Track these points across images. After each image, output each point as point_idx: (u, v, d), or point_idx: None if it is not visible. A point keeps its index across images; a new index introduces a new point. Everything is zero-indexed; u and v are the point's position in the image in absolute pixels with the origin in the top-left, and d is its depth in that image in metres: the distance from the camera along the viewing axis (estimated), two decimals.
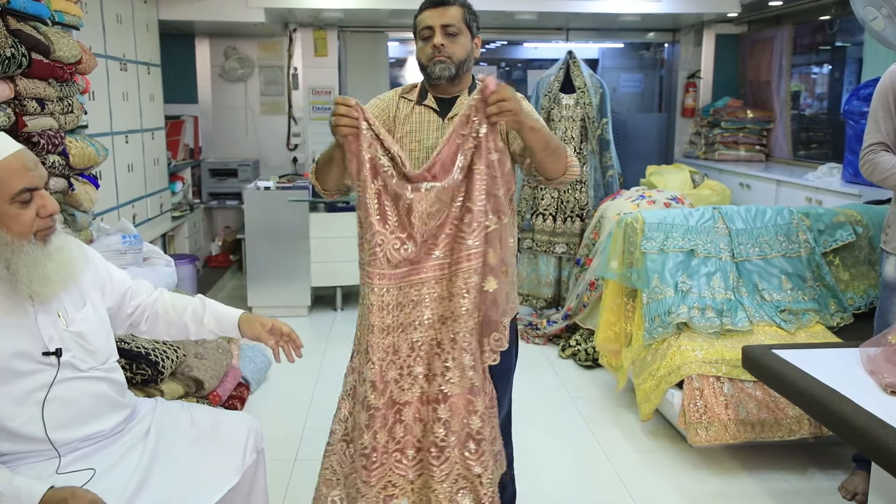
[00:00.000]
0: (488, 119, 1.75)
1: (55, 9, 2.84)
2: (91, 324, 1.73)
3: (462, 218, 1.80)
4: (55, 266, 1.59)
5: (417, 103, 2.08)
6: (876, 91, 2.54)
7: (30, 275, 1.54)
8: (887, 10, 3.08)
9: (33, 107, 2.56)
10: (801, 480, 2.85)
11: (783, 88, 5.57)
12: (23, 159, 1.53)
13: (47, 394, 1.59)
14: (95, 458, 1.66)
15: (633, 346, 3.27)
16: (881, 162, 2.47)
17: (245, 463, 1.85)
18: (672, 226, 3.29)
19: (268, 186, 4.88)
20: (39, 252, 1.56)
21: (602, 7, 5.24)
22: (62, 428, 1.62)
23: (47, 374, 1.60)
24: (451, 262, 1.82)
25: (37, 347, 1.59)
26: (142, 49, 4.60)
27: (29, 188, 1.52)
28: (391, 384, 1.80)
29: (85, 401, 1.67)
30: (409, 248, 1.80)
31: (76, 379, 1.66)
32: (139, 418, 1.83)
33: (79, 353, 1.67)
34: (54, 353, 1.61)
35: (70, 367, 1.65)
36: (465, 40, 2.01)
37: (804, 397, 2.12)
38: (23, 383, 1.57)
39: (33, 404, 1.58)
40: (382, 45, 6.34)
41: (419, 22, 2.03)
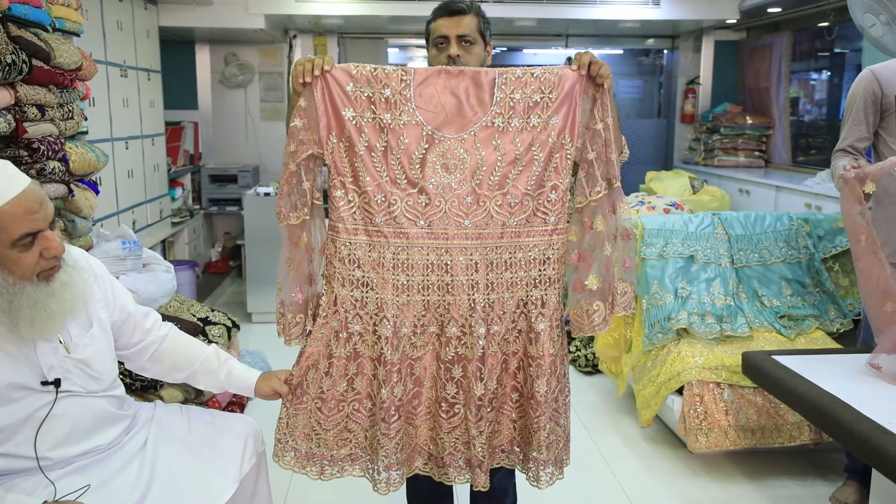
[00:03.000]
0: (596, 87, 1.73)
1: (56, 15, 2.85)
2: (96, 347, 1.68)
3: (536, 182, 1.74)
4: (59, 304, 1.53)
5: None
6: (852, 95, 2.55)
7: (31, 315, 1.49)
8: (886, 17, 3.09)
9: (34, 113, 2.56)
10: (801, 487, 2.84)
11: (782, 94, 5.58)
12: (26, 203, 1.44)
13: (43, 420, 1.55)
14: (92, 472, 1.64)
15: (633, 352, 3.26)
16: (835, 167, 2.51)
17: (243, 470, 1.83)
18: (671, 232, 3.29)
19: (268, 192, 4.88)
20: (42, 292, 1.50)
21: (601, 14, 5.25)
22: (59, 446, 1.59)
23: (45, 401, 1.56)
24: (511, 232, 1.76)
25: (35, 377, 1.54)
26: (142, 55, 4.61)
27: (31, 233, 1.46)
28: (404, 339, 1.78)
29: (84, 419, 1.64)
30: (422, 201, 1.73)
31: (76, 397, 1.62)
32: (138, 428, 1.81)
33: (80, 380, 1.62)
34: (52, 383, 1.56)
35: (70, 395, 1.61)
36: (479, 50, 2.00)
37: (804, 403, 2.11)
38: (17, 410, 1.53)
39: (28, 428, 1.55)
40: (382, 51, 6.35)
41: (433, 29, 2.01)
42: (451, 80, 1.72)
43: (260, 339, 4.51)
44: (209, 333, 3.48)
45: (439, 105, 1.71)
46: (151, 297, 3.49)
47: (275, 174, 6.12)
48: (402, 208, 1.73)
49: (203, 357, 1.89)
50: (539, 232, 1.78)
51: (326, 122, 1.72)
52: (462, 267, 1.76)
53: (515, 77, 1.72)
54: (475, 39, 1.98)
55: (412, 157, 1.72)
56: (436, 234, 1.74)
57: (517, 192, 1.75)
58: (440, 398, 1.82)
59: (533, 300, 1.80)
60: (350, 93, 1.71)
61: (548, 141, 1.74)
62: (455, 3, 1.98)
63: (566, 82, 1.73)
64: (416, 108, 1.71)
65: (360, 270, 1.76)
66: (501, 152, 1.73)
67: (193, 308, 3.69)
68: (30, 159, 2.51)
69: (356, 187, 1.74)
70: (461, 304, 1.77)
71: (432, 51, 2.02)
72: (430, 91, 1.71)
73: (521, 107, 1.72)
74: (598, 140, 1.75)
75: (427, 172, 1.72)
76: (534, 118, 1.73)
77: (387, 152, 1.71)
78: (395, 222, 1.73)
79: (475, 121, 1.72)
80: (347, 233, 1.75)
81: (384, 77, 1.71)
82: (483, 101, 1.72)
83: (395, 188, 1.72)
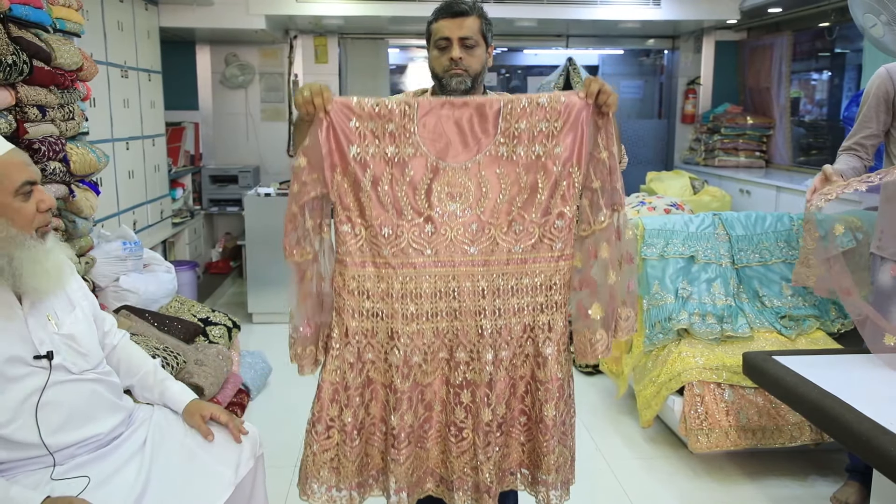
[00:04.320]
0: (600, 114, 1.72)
1: (57, 16, 2.85)
2: (81, 326, 1.74)
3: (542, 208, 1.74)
4: (52, 263, 1.62)
5: (437, 93, 2.04)
6: (866, 92, 2.55)
7: (33, 269, 1.57)
8: (886, 17, 3.08)
9: (34, 114, 2.56)
10: (802, 487, 2.84)
11: (783, 95, 5.58)
12: (21, 156, 1.60)
13: (40, 398, 1.59)
14: (92, 468, 1.65)
15: (634, 353, 3.26)
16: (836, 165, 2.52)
17: (239, 474, 1.83)
18: (672, 232, 3.29)
19: (268, 193, 4.89)
20: (40, 248, 1.60)
21: (602, 14, 5.25)
22: (57, 432, 1.61)
23: (39, 377, 1.60)
24: (517, 258, 1.77)
25: (28, 351, 1.59)
26: (143, 56, 4.61)
27: (30, 181, 1.58)
28: (415, 367, 1.78)
29: (79, 403, 1.67)
30: (428, 230, 1.73)
31: (68, 382, 1.65)
32: (136, 425, 1.82)
33: (70, 356, 1.67)
34: (45, 357, 1.61)
35: (62, 369, 1.64)
36: (480, 52, 1.98)
37: (805, 404, 2.12)
38: (15, 389, 1.57)
39: (26, 410, 1.58)
40: (383, 51, 6.36)
41: (435, 30, 1.99)
42: (455, 111, 1.72)
43: (261, 339, 4.51)
44: (210, 334, 3.48)
45: (443, 135, 1.71)
46: (152, 298, 3.50)
47: (275, 174, 6.13)
48: (408, 239, 1.73)
49: (143, 372, 1.94)
50: (545, 258, 1.78)
51: (331, 161, 1.71)
52: (469, 293, 1.76)
53: (521, 107, 1.71)
54: (477, 41, 1.96)
55: (417, 188, 1.72)
56: (442, 261, 1.75)
57: (522, 219, 1.75)
58: (450, 422, 1.83)
59: (540, 325, 1.80)
60: (354, 128, 1.69)
61: (553, 169, 1.73)
62: (457, 4, 1.96)
63: (572, 111, 1.72)
64: (419, 139, 1.71)
65: (369, 301, 1.76)
66: (506, 181, 1.73)
67: (194, 308, 3.69)
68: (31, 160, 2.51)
69: (363, 221, 1.73)
70: (469, 329, 1.78)
71: (433, 52, 2.00)
72: (433, 122, 1.71)
73: (527, 136, 1.72)
74: (602, 169, 1.75)
75: (433, 202, 1.72)
76: (538, 147, 1.72)
77: (392, 185, 1.71)
78: (402, 253, 1.73)
79: (479, 150, 1.73)
80: (355, 266, 1.75)
81: (387, 112, 1.69)
82: (487, 131, 1.72)
83: (402, 220, 1.72)
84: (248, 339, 4.42)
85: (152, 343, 2.81)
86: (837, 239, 3.36)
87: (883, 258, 2.53)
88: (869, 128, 2.54)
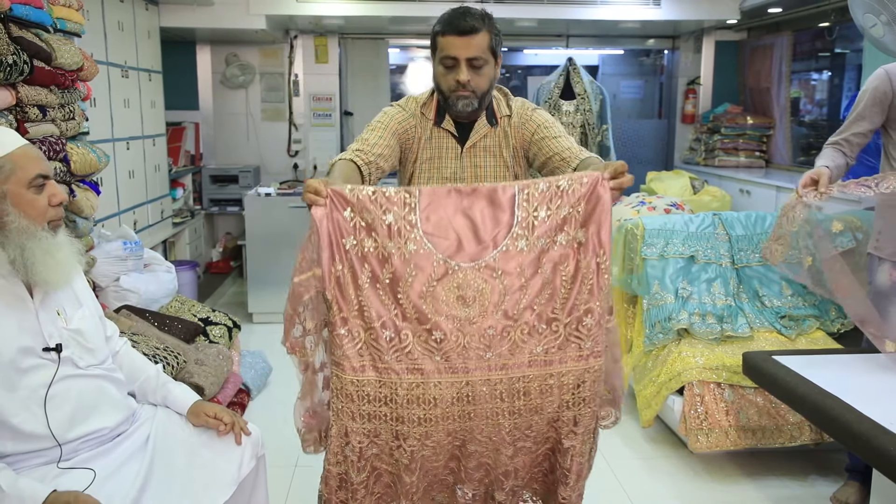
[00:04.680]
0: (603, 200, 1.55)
1: (57, 16, 2.85)
2: (88, 322, 1.77)
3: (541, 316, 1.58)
4: (64, 255, 1.67)
5: (435, 124, 1.98)
6: (863, 91, 2.54)
7: (44, 261, 1.61)
8: (886, 17, 3.09)
9: (35, 114, 2.57)
10: (802, 487, 2.84)
11: (783, 95, 5.58)
12: (35, 150, 1.67)
13: (48, 390, 1.61)
14: (95, 463, 1.67)
15: (634, 353, 3.27)
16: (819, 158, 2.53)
17: (241, 473, 1.85)
18: (672, 232, 3.29)
19: (269, 193, 4.89)
20: (51, 240, 1.64)
21: (602, 14, 5.25)
22: (63, 425, 1.64)
23: (48, 370, 1.63)
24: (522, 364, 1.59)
25: (38, 343, 1.63)
26: (143, 56, 4.61)
27: (43, 174, 1.64)
28: (424, 461, 1.66)
29: (85, 397, 1.69)
30: (437, 336, 1.55)
31: (75, 376, 1.68)
32: (139, 423, 1.84)
33: (77, 351, 1.70)
34: (54, 349, 1.64)
35: (70, 363, 1.67)
36: (489, 69, 1.88)
37: (805, 404, 2.12)
38: (24, 380, 1.60)
39: (35, 401, 1.60)
40: (383, 51, 6.36)
41: (441, 46, 1.87)
42: (463, 200, 1.53)
43: (261, 339, 4.51)
44: (210, 334, 3.49)
45: (451, 230, 1.52)
46: (153, 298, 3.50)
47: (276, 174, 6.13)
48: (414, 343, 1.54)
49: (145, 377, 1.95)
50: (573, 358, 1.60)
51: (329, 254, 1.53)
52: (486, 397, 1.58)
53: (539, 192, 1.53)
54: (486, 59, 1.86)
55: (423, 291, 1.52)
56: (454, 368, 1.55)
57: (545, 318, 1.57)
58: (461, 487, 1.73)
59: (564, 420, 1.64)
60: (348, 219, 1.51)
61: (579, 260, 1.56)
62: (466, 20, 1.83)
63: (594, 192, 1.54)
64: (423, 234, 1.52)
65: (370, 405, 1.58)
66: (526, 277, 1.54)
67: (194, 308, 3.70)
68: None
69: (361, 322, 1.54)
70: (485, 427, 1.62)
71: (439, 68, 1.90)
72: (438, 214, 1.52)
73: (548, 225, 1.53)
74: None
75: (441, 307, 1.53)
76: (561, 237, 1.54)
77: (393, 285, 1.52)
78: (407, 358, 1.55)
79: (495, 245, 1.54)
80: (354, 370, 1.56)
81: (385, 201, 1.51)
82: (502, 222, 1.53)
83: (406, 323, 1.54)
84: (248, 338, 4.42)
85: (153, 343, 2.82)
86: (835, 237, 3.36)
87: (881, 258, 2.53)
88: (860, 126, 2.53)
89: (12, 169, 1.58)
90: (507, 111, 2.01)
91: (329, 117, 6.21)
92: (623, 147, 6.19)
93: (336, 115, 6.21)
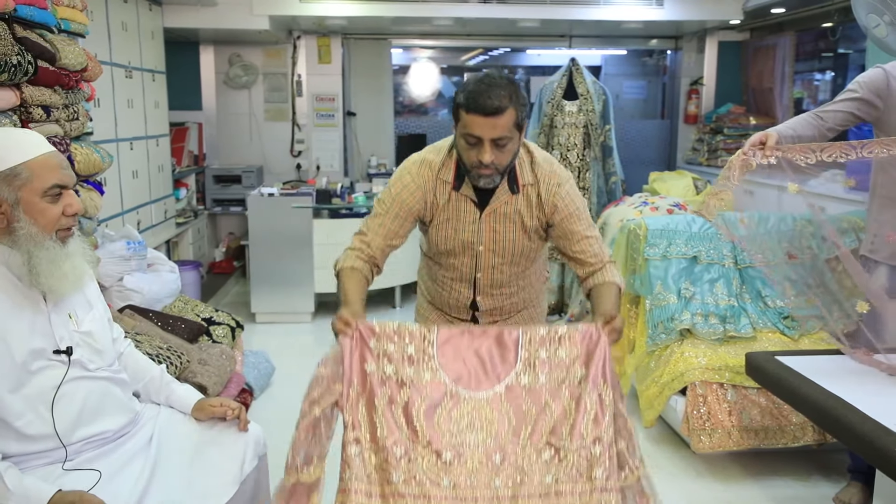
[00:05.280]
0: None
1: (61, 17, 2.86)
2: (98, 324, 1.78)
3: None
4: (70, 266, 1.66)
5: (454, 188, 1.92)
6: (861, 78, 2.47)
7: (49, 270, 1.61)
8: (890, 17, 3.08)
9: (39, 114, 2.57)
10: (804, 487, 2.84)
11: (786, 95, 5.57)
12: (57, 159, 1.65)
13: (56, 392, 1.62)
14: (99, 463, 1.68)
15: (637, 353, 3.26)
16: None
17: (244, 472, 1.86)
18: (675, 232, 3.29)
19: (272, 193, 4.89)
20: (59, 250, 1.64)
21: (605, 14, 5.25)
22: (69, 427, 1.65)
23: (57, 372, 1.64)
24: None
25: (49, 345, 1.64)
26: (147, 56, 4.63)
27: (60, 185, 1.63)
28: None
29: (91, 399, 1.70)
30: (446, 458, 1.60)
31: (83, 378, 1.69)
32: (143, 423, 1.84)
33: (87, 353, 1.71)
34: (65, 352, 1.65)
35: (78, 365, 1.68)
36: (513, 145, 1.81)
37: (808, 404, 2.12)
38: (34, 382, 1.60)
39: (42, 403, 1.61)
40: (386, 51, 6.36)
41: (464, 122, 1.77)
42: (475, 340, 1.68)
43: (264, 339, 4.52)
44: (213, 333, 3.49)
45: (463, 363, 1.67)
46: (156, 297, 3.51)
47: (279, 174, 6.14)
48: (423, 467, 1.59)
49: (149, 377, 1.97)
50: (586, 491, 1.60)
51: (349, 376, 1.63)
52: None
53: (539, 336, 1.68)
54: (511, 136, 1.78)
55: (435, 416, 1.63)
56: (463, 496, 1.58)
57: (553, 446, 1.62)
58: None
59: None
60: (373, 348, 1.65)
61: (579, 393, 1.64)
62: (492, 98, 1.72)
63: (590, 337, 1.67)
64: (439, 365, 1.66)
65: None
66: (531, 409, 1.64)
67: (197, 308, 3.70)
68: None
69: (373, 445, 1.61)
70: None
71: (461, 141, 1.82)
72: (453, 349, 1.67)
73: (548, 364, 1.66)
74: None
75: (451, 430, 1.62)
76: (561, 373, 1.66)
77: (408, 408, 1.62)
78: (414, 481, 1.58)
79: (500, 378, 1.67)
80: (359, 494, 1.58)
81: (407, 334, 1.67)
82: (507, 360, 1.68)
83: (416, 444, 1.61)
84: (251, 338, 4.43)
85: (156, 343, 2.82)
86: (840, 236, 3.36)
87: (876, 262, 2.52)
88: (845, 105, 2.44)
89: (28, 177, 1.58)
90: (531, 178, 1.92)
91: (332, 117, 6.21)
92: (626, 147, 6.18)
93: (339, 115, 6.21)
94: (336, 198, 5.05)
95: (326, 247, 4.85)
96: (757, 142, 2.28)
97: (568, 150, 4.67)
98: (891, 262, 2.48)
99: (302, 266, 4.84)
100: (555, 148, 4.69)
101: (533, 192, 1.93)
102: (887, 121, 2.44)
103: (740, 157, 2.26)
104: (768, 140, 2.27)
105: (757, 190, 4.93)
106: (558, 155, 4.68)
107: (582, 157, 4.66)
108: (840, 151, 2.14)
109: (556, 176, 1.92)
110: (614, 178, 4.70)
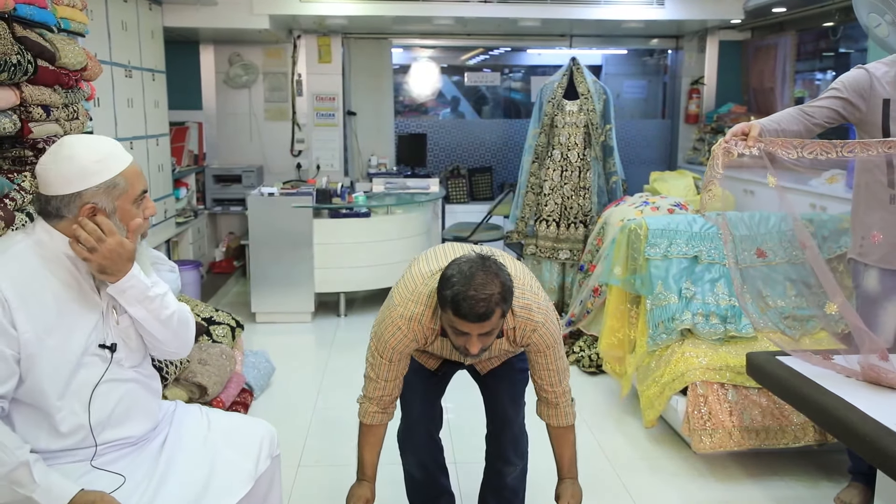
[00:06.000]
0: None
1: (61, 16, 2.85)
2: (130, 325, 1.77)
3: None
4: (142, 260, 1.76)
5: (441, 335, 1.99)
6: (844, 79, 2.45)
7: (140, 265, 1.69)
8: (891, 17, 3.08)
9: (39, 113, 2.57)
10: (805, 488, 2.84)
11: (787, 95, 5.57)
12: (138, 165, 1.73)
13: (94, 388, 1.63)
14: (117, 466, 1.67)
15: (637, 353, 3.26)
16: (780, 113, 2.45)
17: (259, 469, 1.85)
18: (676, 232, 3.29)
19: (272, 192, 4.89)
20: (141, 250, 1.76)
21: (605, 14, 5.25)
22: (97, 427, 1.65)
23: (98, 368, 1.65)
24: None
25: (98, 340, 1.66)
26: (147, 56, 4.62)
27: (146, 189, 1.73)
28: None
29: (124, 402, 1.70)
30: None
31: (118, 381, 1.69)
32: (161, 427, 1.84)
33: (123, 351, 1.72)
34: (109, 348, 1.67)
35: (117, 364, 1.69)
36: (500, 326, 1.85)
37: (809, 404, 2.11)
38: (79, 375, 1.61)
39: (79, 398, 1.61)
40: (386, 51, 6.36)
41: (450, 318, 1.79)
42: None
43: (264, 338, 4.52)
44: (213, 333, 3.49)
45: None
46: None
47: (279, 174, 6.14)
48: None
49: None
50: None
51: None
52: None
53: None
54: (498, 324, 1.81)
55: None
56: None
57: None
58: None
59: None
60: None
61: None
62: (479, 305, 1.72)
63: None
64: None
65: None
66: None
67: (198, 308, 3.70)
68: (35, 159, 2.51)
69: None
70: None
71: (449, 328, 1.85)
72: None
73: None
74: None
75: None
76: None
77: None
78: None
79: None
80: None
81: None
82: None
83: None
84: (251, 338, 4.43)
85: None
86: (838, 237, 3.35)
87: (867, 265, 2.50)
88: (830, 102, 2.44)
89: (125, 187, 1.64)
90: (511, 323, 1.96)
91: (332, 117, 6.21)
92: (626, 147, 6.18)
93: (339, 114, 6.21)
94: (336, 197, 5.04)
95: (327, 246, 4.85)
96: (739, 131, 2.27)
97: (568, 150, 4.67)
98: (881, 265, 2.47)
99: (302, 266, 4.84)
100: (555, 147, 4.69)
101: (511, 333, 1.99)
102: (870, 122, 2.42)
103: (721, 145, 2.26)
104: (751, 131, 2.26)
105: (758, 190, 4.92)
106: (559, 154, 4.67)
107: (582, 156, 4.66)
108: (821, 149, 2.14)
109: (531, 323, 1.97)
110: (615, 177, 4.69)
